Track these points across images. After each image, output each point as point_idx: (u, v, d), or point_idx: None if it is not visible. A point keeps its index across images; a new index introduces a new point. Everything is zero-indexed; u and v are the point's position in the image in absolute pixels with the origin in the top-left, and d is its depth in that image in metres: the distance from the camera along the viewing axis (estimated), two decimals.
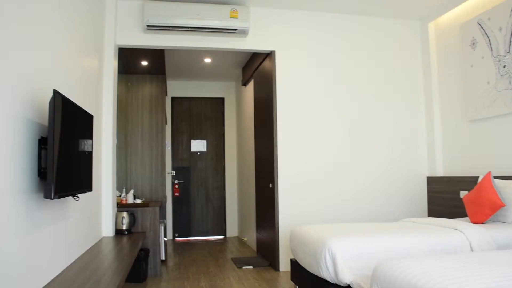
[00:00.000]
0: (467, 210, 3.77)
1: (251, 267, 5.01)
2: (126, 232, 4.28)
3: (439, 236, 3.11)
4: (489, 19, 4.26)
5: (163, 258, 5.07)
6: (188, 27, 4.42)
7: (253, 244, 6.25)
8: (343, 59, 5.10)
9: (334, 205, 4.91)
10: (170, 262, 5.41)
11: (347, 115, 5.06)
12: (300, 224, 4.56)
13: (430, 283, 1.75)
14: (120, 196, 4.79)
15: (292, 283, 4.06)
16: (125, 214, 4.29)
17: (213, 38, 4.71)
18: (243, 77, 6.92)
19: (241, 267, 4.99)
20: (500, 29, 4.12)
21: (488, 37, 4.28)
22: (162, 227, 4.97)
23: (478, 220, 3.62)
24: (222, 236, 7.75)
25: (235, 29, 4.51)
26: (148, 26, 4.35)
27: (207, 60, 6.45)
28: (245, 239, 7.01)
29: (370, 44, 5.21)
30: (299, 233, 3.54)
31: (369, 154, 5.08)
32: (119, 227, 4.27)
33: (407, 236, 3.07)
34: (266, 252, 5.28)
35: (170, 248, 6.54)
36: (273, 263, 4.91)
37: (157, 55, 5.15)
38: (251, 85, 6.35)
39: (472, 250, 3.08)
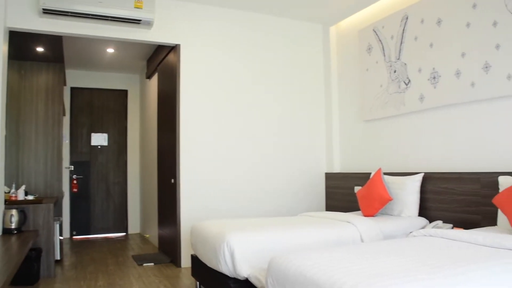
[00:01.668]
0: (360, 204, 4.04)
1: (152, 264, 4.91)
2: (15, 231, 3.97)
3: (333, 229, 3.30)
4: (383, 27, 4.58)
5: (58, 258, 4.79)
6: (88, 14, 4.19)
7: (155, 241, 6.13)
8: (249, 57, 5.17)
9: (237, 201, 4.98)
10: (66, 262, 5.13)
11: (252, 112, 5.15)
12: (203, 220, 4.56)
13: (319, 273, 1.84)
14: (9, 192, 4.43)
15: (193, 278, 4.04)
16: (14, 211, 3.97)
17: (116, 28, 4.52)
18: (147, 70, 6.75)
19: (141, 264, 4.88)
20: (392, 37, 4.45)
21: (382, 43, 4.59)
22: (58, 225, 4.70)
23: (369, 213, 3.89)
24: (124, 233, 7.51)
25: (139, 20, 4.37)
26: (44, 9, 4.05)
27: (110, 50, 6.19)
28: (147, 235, 6.85)
29: (276, 44, 5.34)
30: (199, 228, 3.54)
31: (272, 151, 5.22)
32: (7, 226, 3.95)
33: (303, 230, 3.21)
34: (168, 249, 5.21)
35: (66, 247, 6.19)
36: (175, 260, 4.86)
37: (55, 42, 4.82)
38: (155, 78, 6.22)
39: (362, 241, 3.30)
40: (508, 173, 3.21)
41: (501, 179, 3.18)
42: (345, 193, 5.01)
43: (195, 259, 3.71)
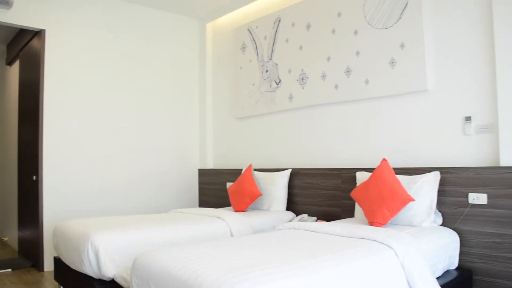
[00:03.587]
0: (231, 200, 4.12)
1: (10, 270, 4.47)
2: None
3: (203, 225, 3.32)
4: (257, 27, 4.71)
5: None
6: None
7: (14, 244, 5.61)
8: (122, 48, 4.96)
9: (106, 198, 4.75)
10: None
11: (123, 106, 4.94)
12: (69, 219, 4.28)
13: (184, 269, 1.83)
14: None
15: (56, 283, 3.77)
16: None
17: None
18: (7, 55, 6.12)
19: None
20: (265, 38, 4.61)
21: (255, 43, 4.73)
22: None
23: (240, 208, 3.98)
24: None
25: None
26: None
27: None
28: (5, 238, 6.24)
29: (151, 36, 5.19)
30: (62, 228, 3.31)
31: (144, 148, 5.08)
32: None
33: (173, 227, 3.18)
34: (29, 252, 4.80)
35: None
36: (37, 263, 4.49)
37: None
38: (16, 65, 5.66)
39: (232, 236, 3.37)
40: (364, 169, 3.52)
41: (358, 174, 3.48)
42: (218, 189, 5.08)
43: (58, 261, 3.47)
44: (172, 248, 2.22)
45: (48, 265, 4.39)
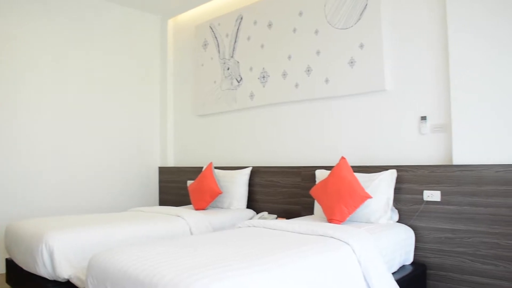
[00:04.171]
0: (191, 198, 4.08)
1: None
2: None
3: (163, 224, 3.27)
4: (219, 24, 4.69)
5: None
6: None
7: None
8: (79, 43, 4.81)
9: (62, 197, 4.61)
10: None
11: (79, 102, 4.80)
12: (22, 219, 4.12)
13: (140, 268, 1.80)
14: None
15: (8, 285, 3.62)
16: None
17: None
18: None
19: None
20: (227, 35, 4.59)
21: (217, 40, 4.70)
22: None
23: (200, 206, 3.96)
24: None
25: None
26: None
27: None
28: None
29: (111, 31, 5.07)
30: (15, 228, 3.18)
31: (101, 144, 4.95)
32: None
33: (131, 226, 3.11)
34: None
35: None
36: None
37: None
38: None
39: (192, 234, 3.34)
40: (323, 167, 3.56)
41: (317, 172, 3.52)
42: (179, 187, 5.02)
43: (10, 263, 3.34)
44: (129, 247, 2.17)
45: (0, 268, 4.22)
